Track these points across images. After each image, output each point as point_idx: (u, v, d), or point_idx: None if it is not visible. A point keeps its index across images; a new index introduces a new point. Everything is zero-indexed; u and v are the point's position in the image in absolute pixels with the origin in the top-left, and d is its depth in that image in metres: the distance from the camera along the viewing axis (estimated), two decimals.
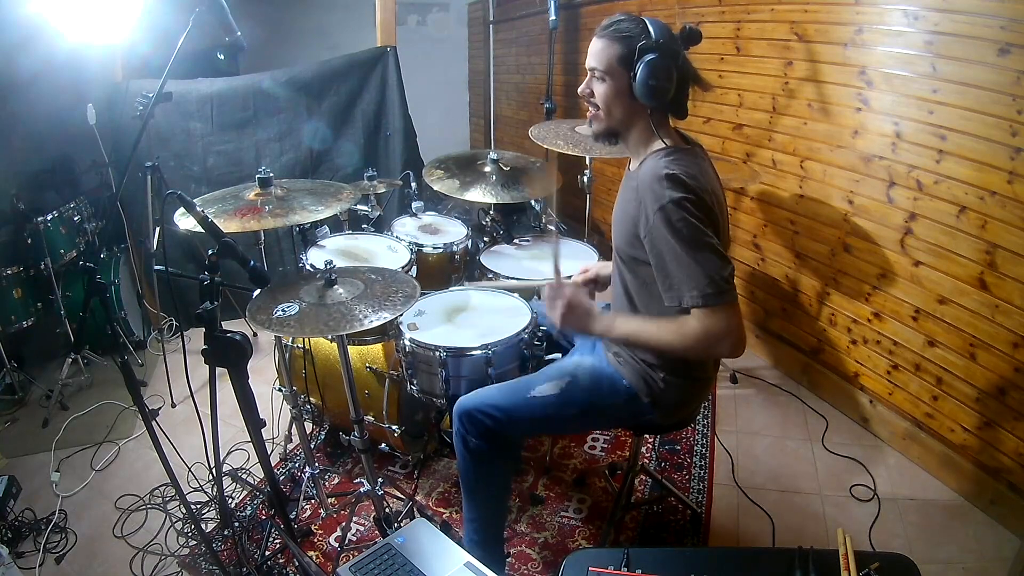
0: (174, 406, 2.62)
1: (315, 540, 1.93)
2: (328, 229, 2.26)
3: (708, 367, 1.55)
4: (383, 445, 2.13)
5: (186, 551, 1.90)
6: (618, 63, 1.34)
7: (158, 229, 2.70)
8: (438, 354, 1.67)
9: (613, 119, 1.41)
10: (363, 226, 2.41)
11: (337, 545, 1.88)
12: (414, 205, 2.51)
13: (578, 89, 1.45)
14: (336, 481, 2.19)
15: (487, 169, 2.34)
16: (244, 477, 2.18)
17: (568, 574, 1.16)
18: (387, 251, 2.16)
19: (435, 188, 2.30)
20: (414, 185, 2.55)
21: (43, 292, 2.71)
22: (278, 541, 1.86)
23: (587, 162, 2.51)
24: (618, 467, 2.15)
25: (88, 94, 2.87)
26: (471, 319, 1.85)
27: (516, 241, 2.39)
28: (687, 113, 1.42)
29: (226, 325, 1.36)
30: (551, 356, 1.73)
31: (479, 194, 2.23)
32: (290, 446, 2.34)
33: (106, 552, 1.92)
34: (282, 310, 1.49)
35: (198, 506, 2.04)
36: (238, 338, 1.34)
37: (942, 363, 2.09)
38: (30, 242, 2.60)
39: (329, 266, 1.59)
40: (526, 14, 4.83)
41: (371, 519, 1.94)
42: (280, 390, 2.18)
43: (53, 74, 2.74)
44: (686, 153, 1.37)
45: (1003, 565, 1.78)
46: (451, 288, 2.05)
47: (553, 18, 3.33)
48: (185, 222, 1.61)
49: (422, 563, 1.41)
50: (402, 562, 1.42)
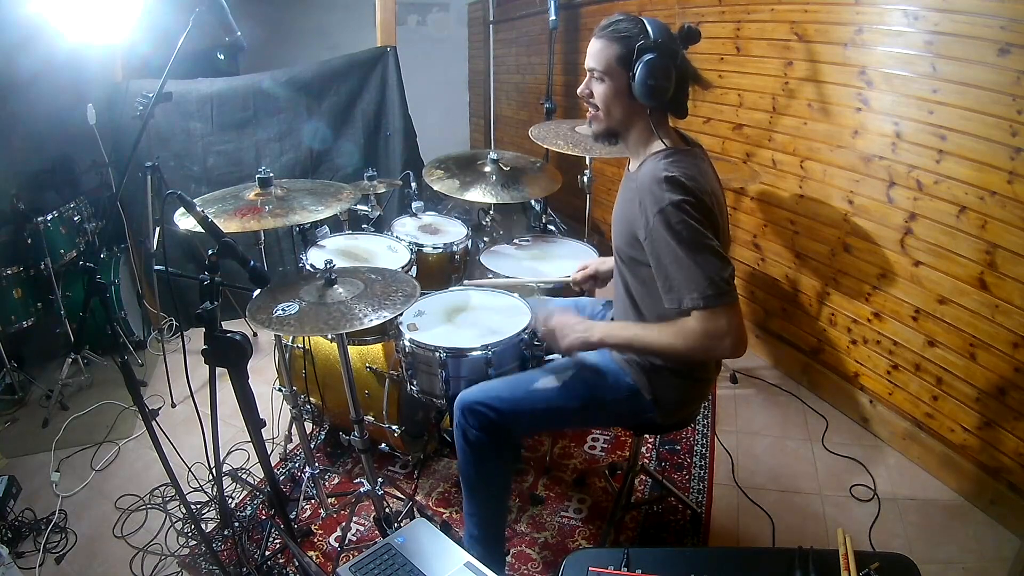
0: (174, 406, 2.62)
1: (315, 540, 1.93)
2: (328, 229, 2.26)
3: (710, 367, 1.55)
4: (383, 445, 2.13)
5: (186, 551, 1.90)
6: (617, 63, 1.34)
7: (158, 229, 2.70)
8: (438, 354, 1.67)
9: (612, 119, 1.41)
10: (363, 226, 2.41)
11: (337, 545, 1.88)
12: (414, 205, 2.51)
13: (577, 90, 1.45)
14: (336, 481, 2.19)
15: (487, 169, 2.34)
16: (244, 477, 2.18)
17: (568, 574, 1.16)
18: (387, 251, 2.16)
19: (435, 188, 2.30)
20: (414, 185, 2.54)
21: (43, 292, 2.71)
22: (278, 541, 1.86)
23: (587, 162, 2.51)
24: (618, 467, 2.15)
25: (88, 94, 2.87)
26: (471, 319, 1.85)
27: (516, 241, 2.39)
28: (687, 113, 1.42)
29: (226, 325, 1.36)
30: (551, 356, 1.73)
31: (479, 194, 2.23)
32: (290, 446, 2.34)
33: (106, 552, 1.92)
34: (282, 309, 1.49)
35: (198, 506, 2.04)
36: (238, 338, 1.34)
37: (942, 363, 2.09)
38: (30, 242, 2.60)
39: (329, 266, 1.59)
40: (526, 14, 4.83)
41: (371, 519, 1.94)
42: (280, 390, 2.18)
43: (53, 74, 2.74)
44: (685, 154, 1.37)
45: (1003, 565, 1.78)
46: (451, 288, 2.04)
47: (553, 18, 3.33)
48: (185, 222, 1.61)
49: (422, 563, 1.41)
50: (402, 562, 1.42)
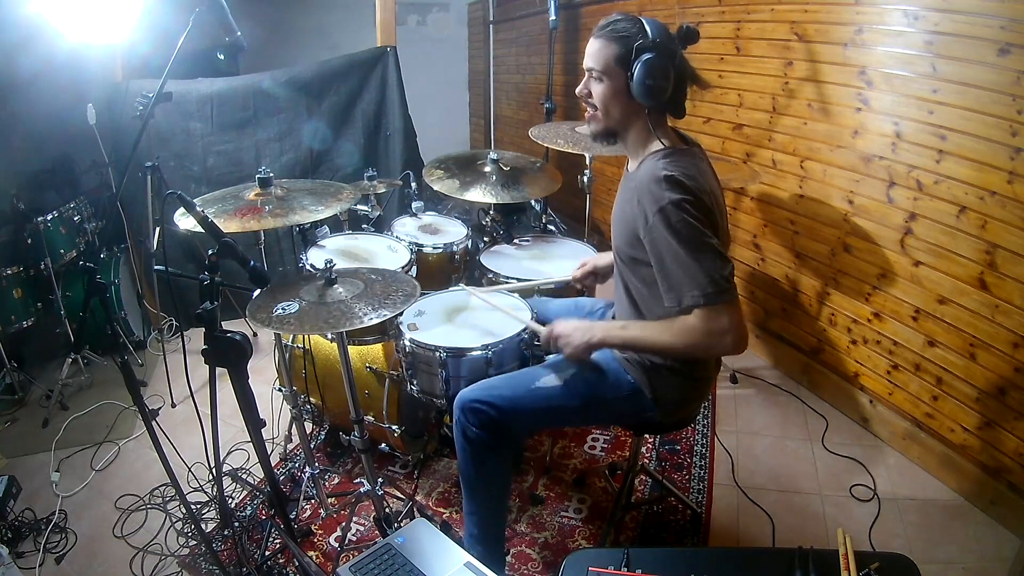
0: (174, 406, 2.62)
1: (315, 540, 1.93)
2: (328, 229, 2.26)
3: (710, 366, 1.55)
4: (383, 445, 2.13)
5: (186, 551, 1.90)
6: (615, 63, 1.34)
7: (158, 229, 2.70)
8: (438, 354, 1.67)
9: (611, 119, 1.41)
10: (363, 226, 2.41)
11: (337, 545, 1.88)
12: (414, 205, 2.51)
13: (576, 90, 1.45)
14: (336, 481, 2.19)
15: (487, 169, 2.33)
16: (244, 477, 2.18)
17: (568, 574, 1.16)
18: (387, 251, 2.16)
19: (435, 188, 2.30)
20: (414, 185, 2.54)
21: (43, 292, 2.71)
22: (278, 541, 1.86)
23: (587, 162, 2.51)
24: (618, 467, 2.15)
25: (88, 94, 2.87)
26: (471, 319, 1.85)
27: (516, 241, 2.39)
28: (685, 112, 1.42)
29: (226, 325, 1.36)
30: (551, 356, 1.73)
31: (479, 194, 2.23)
32: (290, 446, 2.34)
33: (106, 552, 1.92)
34: (282, 309, 1.49)
35: (198, 506, 2.04)
36: (238, 338, 1.34)
37: (942, 363, 2.09)
38: (30, 242, 2.60)
39: (329, 266, 1.59)
40: (526, 14, 4.83)
41: (371, 519, 1.94)
42: (280, 390, 2.18)
43: (53, 74, 2.74)
44: (684, 154, 1.37)
45: (1003, 565, 1.78)
46: (451, 289, 2.04)
47: (553, 18, 3.33)
48: (185, 222, 1.61)
49: (422, 563, 1.41)
50: (402, 562, 1.42)
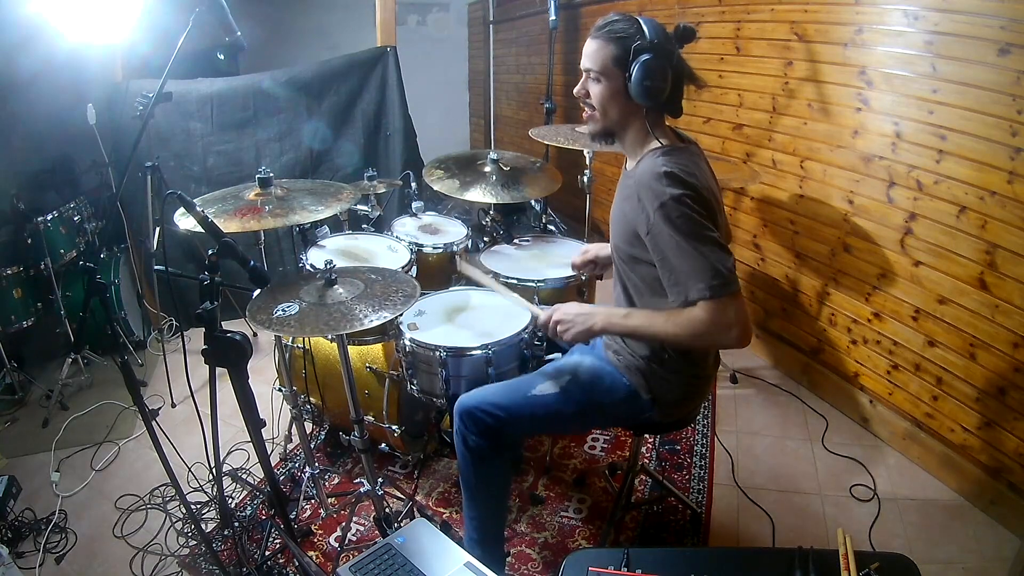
0: (174, 406, 2.62)
1: (315, 540, 1.93)
2: (328, 229, 2.26)
3: (708, 364, 1.55)
4: (383, 445, 2.13)
5: (186, 551, 1.90)
6: (613, 64, 1.34)
7: (158, 229, 2.70)
8: (438, 354, 1.67)
9: (609, 119, 1.41)
10: (363, 226, 2.41)
11: (337, 545, 1.88)
12: (414, 205, 2.51)
13: (574, 90, 1.45)
14: (336, 481, 2.19)
15: (487, 169, 2.33)
16: (244, 477, 2.18)
17: (568, 574, 1.16)
18: (387, 251, 2.16)
19: (435, 188, 2.30)
20: (414, 185, 2.54)
21: (43, 292, 2.71)
22: (278, 541, 1.86)
23: (587, 162, 2.51)
24: (618, 467, 2.15)
25: (88, 94, 2.87)
26: (471, 319, 1.85)
27: (516, 241, 2.39)
28: (682, 112, 1.42)
29: (226, 325, 1.36)
30: (551, 356, 1.73)
31: (479, 194, 2.23)
32: (290, 446, 2.34)
33: (106, 552, 1.92)
34: (282, 310, 1.49)
35: (198, 506, 2.04)
36: (238, 338, 1.33)
37: (942, 363, 2.09)
38: (30, 242, 2.60)
39: (329, 266, 1.59)
40: (526, 14, 4.83)
41: (371, 519, 1.94)
42: (280, 390, 2.18)
43: (53, 74, 2.74)
44: (682, 151, 1.37)
45: (1003, 565, 1.78)
46: (451, 289, 2.04)
47: (553, 18, 3.33)
48: (185, 222, 1.61)
49: (422, 563, 1.41)
50: (402, 562, 1.42)
